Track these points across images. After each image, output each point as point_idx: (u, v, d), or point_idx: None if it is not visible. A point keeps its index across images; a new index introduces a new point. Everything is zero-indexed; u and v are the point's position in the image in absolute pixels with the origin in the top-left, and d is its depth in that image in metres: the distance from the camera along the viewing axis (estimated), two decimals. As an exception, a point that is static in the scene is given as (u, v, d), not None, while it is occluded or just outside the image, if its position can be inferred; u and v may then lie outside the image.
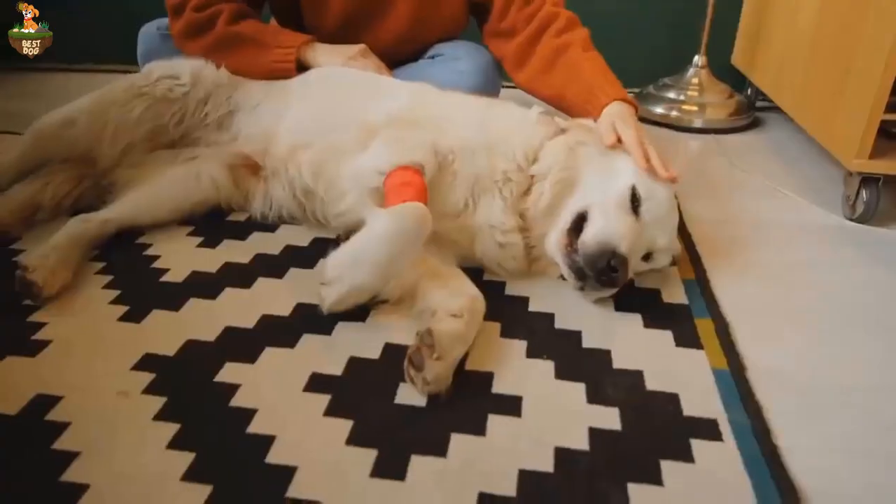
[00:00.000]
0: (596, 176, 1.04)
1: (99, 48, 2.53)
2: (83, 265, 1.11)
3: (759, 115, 2.08)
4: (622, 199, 1.00)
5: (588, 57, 1.31)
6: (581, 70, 1.29)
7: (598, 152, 1.07)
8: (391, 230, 0.89)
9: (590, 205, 1.01)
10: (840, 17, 1.47)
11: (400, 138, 1.02)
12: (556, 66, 1.34)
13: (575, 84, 1.28)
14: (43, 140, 1.25)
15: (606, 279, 0.95)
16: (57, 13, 2.43)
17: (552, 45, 1.34)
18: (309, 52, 1.37)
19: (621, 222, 0.98)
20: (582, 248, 0.97)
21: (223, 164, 1.27)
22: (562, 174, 1.03)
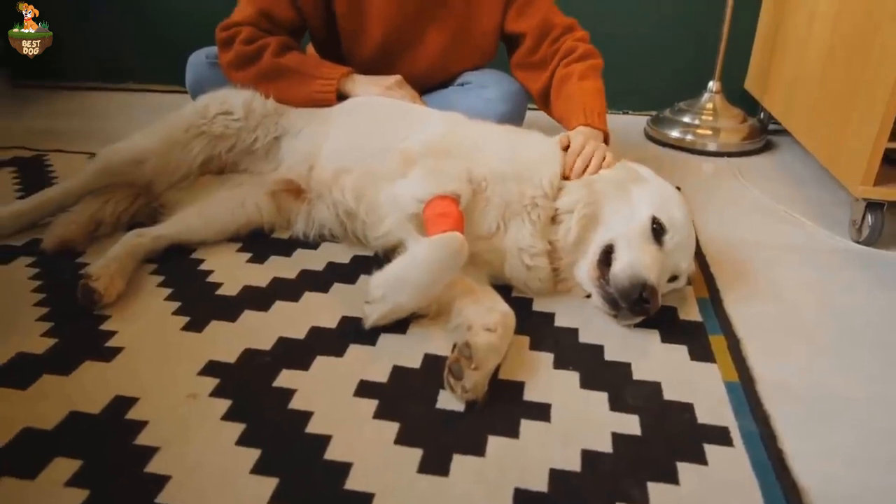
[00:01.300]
0: (616, 209, 1.13)
1: (137, 68, 2.66)
2: (138, 276, 1.22)
3: (772, 139, 2.16)
4: (645, 230, 1.09)
5: (580, 86, 1.44)
6: (571, 98, 1.43)
7: (614, 186, 1.16)
8: (432, 258, 1.00)
9: (615, 237, 1.10)
10: (848, 47, 1.55)
11: (437, 168, 1.12)
12: (559, 95, 1.48)
13: (566, 111, 1.43)
14: (109, 173, 1.36)
15: (640, 309, 1.04)
16: (97, 35, 2.59)
17: (560, 74, 1.48)
18: (348, 82, 1.48)
19: (647, 253, 1.07)
20: (613, 282, 1.06)
21: (267, 193, 1.38)
22: (585, 210, 1.12)
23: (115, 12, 2.57)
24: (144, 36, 2.60)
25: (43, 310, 1.12)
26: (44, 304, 1.14)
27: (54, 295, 1.16)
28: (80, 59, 2.67)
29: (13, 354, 1.00)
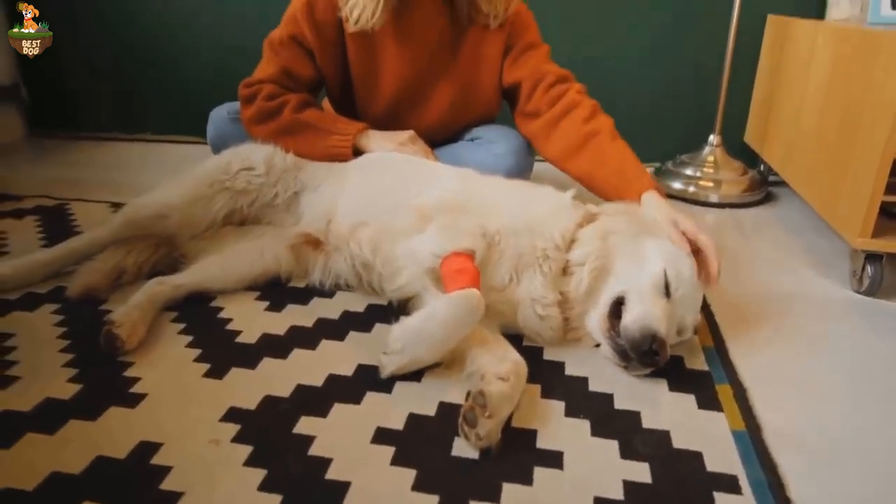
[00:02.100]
0: (628, 262, 1.17)
1: (154, 119, 2.75)
2: (160, 323, 1.26)
3: (772, 191, 2.22)
4: (657, 284, 1.13)
5: (616, 145, 1.45)
6: (610, 157, 1.43)
7: (627, 239, 1.20)
8: (450, 314, 1.04)
9: (626, 290, 1.14)
10: (842, 103, 1.61)
11: (453, 224, 1.17)
12: (585, 151, 1.46)
13: (604, 169, 1.42)
14: (135, 226, 1.41)
15: (649, 361, 1.08)
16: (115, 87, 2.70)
17: (581, 130, 1.48)
18: (363, 138, 1.55)
19: (657, 306, 1.11)
20: (624, 333, 1.09)
21: (285, 245, 1.43)
22: (597, 262, 1.16)
23: (133, 65, 2.68)
24: (161, 88, 2.70)
25: (68, 356, 1.15)
26: (69, 351, 1.17)
27: (79, 341, 1.20)
28: (97, 109, 2.77)
29: (40, 400, 1.03)
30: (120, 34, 2.64)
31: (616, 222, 1.23)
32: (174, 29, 2.59)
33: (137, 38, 2.63)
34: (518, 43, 1.60)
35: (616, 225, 1.23)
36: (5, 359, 1.14)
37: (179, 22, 2.58)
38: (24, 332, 1.23)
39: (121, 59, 2.68)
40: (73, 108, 2.79)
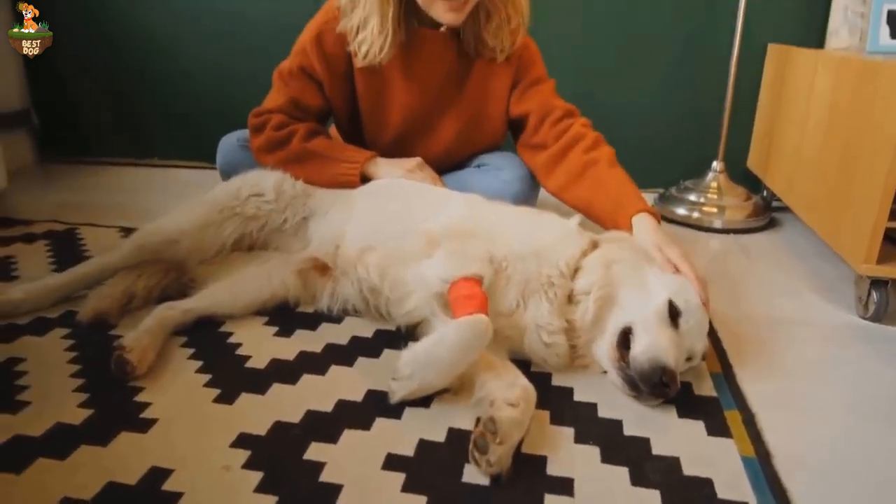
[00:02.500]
0: (633, 291, 1.18)
1: (161, 144, 2.79)
2: (170, 348, 1.26)
3: (775, 216, 2.23)
4: (662, 314, 1.14)
5: (613, 173, 1.48)
6: (607, 184, 1.46)
7: (630, 268, 1.21)
8: (459, 339, 1.05)
9: (633, 321, 1.14)
10: (844, 129, 1.63)
11: (461, 250, 1.18)
12: (583, 179, 1.50)
13: (602, 196, 1.45)
14: (145, 251, 1.42)
15: (660, 393, 1.08)
16: (123, 112, 2.74)
17: (581, 160, 1.51)
18: (371, 165, 1.57)
19: (664, 337, 1.11)
20: (633, 365, 1.10)
21: (293, 271, 1.44)
22: (601, 292, 1.17)
23: (141, 92, 2.72)
24: (168, 114, 2.74)
25: (79, 381, 1.16)
26: (79, 375, 1.18)
27: (89, 366, 1.20)
28: (106, 135, 2.81)
29: (51, 425, 1.03)
30: (129, 62, 2.69)
31: (618, 251, 1.24)
32: (183, 58, 2.64)
33: (146, 66, 2.68)
34: (525, 78, 1.64)
35: (618, 254, 1.24)
36: (16, 383, 1.14)
37: (188, 51, 2.63)
38: (35, 357, 1.23)
39: (130, 86, 2.72)
40: (82, 134, 2.82)
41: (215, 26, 2.58)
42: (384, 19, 1.46)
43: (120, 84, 2.73)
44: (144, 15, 2.61)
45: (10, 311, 1.37)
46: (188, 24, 2.59)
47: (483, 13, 1.53)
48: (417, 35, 1.55)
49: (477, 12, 1.52)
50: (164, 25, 2.61)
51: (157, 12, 2.60)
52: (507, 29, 1.54)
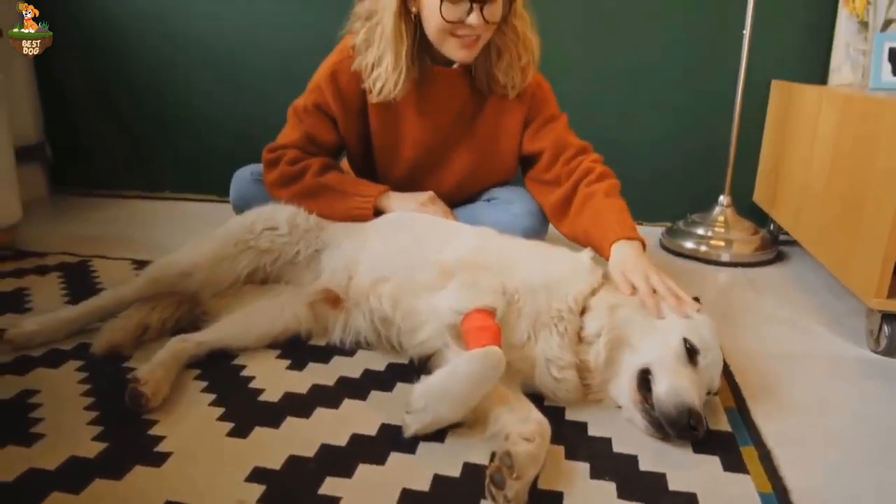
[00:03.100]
0: (644, 332, 1.18)
1: (172, 178, 2.83)
2: (183, 381, 1.27)
3: (783, 250, 2.24)
4: (679, 353, 1.14)
5: (607, 203, 1.50)
6: (601, 214, 1.48)
7: (636, 309, 1.22)
8: (473, 372, 1.05)
9: (650, 361, 1.14)
10: (850, 163, 1.65)
11: (474, 282, 1.19)
12: (583, 211, 1.53)
13: (595, 227, 1.47)
14: (160, 284, 1.43)
15: (688, 435, 1.07)
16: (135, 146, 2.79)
17: (583, 193, 1.55)
18: (384, 199, 1.59)
19: (685, 377, 1.11)
20: (659, 409, 1.09)
21: (305, 303, 1.45)
22: (610, 335, 1.17)
23: (153, 127, 2.77)
24: (180, 149, 2.79)
25: (93, 413, 1.16)
26: (93, 408, 1.18)
27: (103, 398, 1.21)
28: (118, 168, 2.86)
29: (66, 458, 1.03)
30: (142, 98, 2.75)
31: (621, 293, 1.26)
32: (194, 95, 2.70)
33: (158, 102, 2.73)
34: (539, 116, 1.67)
35: (622, 296, 1.25)
36: (30, 416, 1.15)
37: (200, 88, 2.69)
38: (49, 389, 1.24)
39: (142, 121, 2.78)
40: (93, 167, 2.87)
41: (225, 64, 2.64)
42: (398, 57, 1.49)
43: (133, 120, 2.79)
44: (156, 52, 2.67)
45: (24, 343, 1.38)
46: (199, 61, 2.66)
47: (494, 51, 1.56)
48: (430, 72, 1.59)
49: (488, 50, 1.56)
50: (175, 62, 2.67)
51: (168, 50, 2.66)
52: (518, 66, 1.57)
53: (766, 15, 2.18)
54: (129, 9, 2.64)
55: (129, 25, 2.66)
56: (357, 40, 1.55)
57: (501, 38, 1.55)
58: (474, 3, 1.42)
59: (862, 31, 2.18)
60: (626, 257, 1.33)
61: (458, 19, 1.44)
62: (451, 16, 1.43)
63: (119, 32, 2.67)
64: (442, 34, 1.48)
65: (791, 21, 2.29)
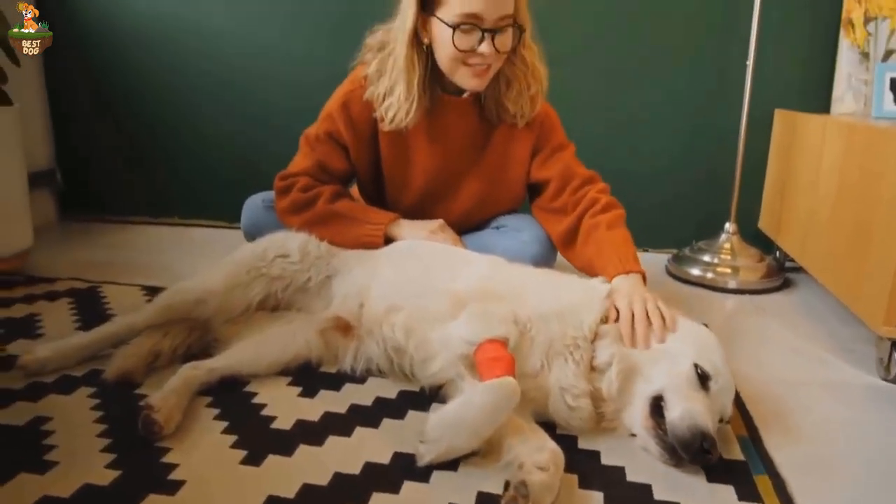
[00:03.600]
0: (655, 359, 1.19)
1: (182, 204, 2.85)
2: (195, 408, 1.27)
3: (790, 277, 2.25)
4: (690, 379, 1.14)
5: (610, 235, 1.52)
6: (603, 246, 1.50)
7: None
8: (488, 402, 1.06)
9: (662, 388, 1.14)
10: (857, 190, 1.66)
11: (486, 312, 1.20)
12: (588, 243, 1.55)
13: (598, 260, 1.49)
14: (173, 311, 1.44)
15: (701, 459, 1.07)
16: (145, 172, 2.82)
17: (587, 224, 1.57)
18: (394, 227, 1.61)
19: (698, 401, 1.11)
20: (672, 432, 1.09)
21: (316, 330, 1.45)
22: (621, 365, 1.18)
23: (162, 154, 2.81)
24: (188, 176, 2.82)
25: (105, 441, 1.16)
26: (106, 435, 1.18)
27: (116, 426, 1.21)
28: (125, 194, 2.88)
29: (79, 486, 1.03)
30: (151, 126, 2.79)
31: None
32: (203, 123, 2.74)
33: (167, 129, 2.77)
34: (547, 145, 1.69)
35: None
36: (43, 443, 1.15)
37: (208, 117, 2.73)
38: (61, 416, 1.24)
39: (151, 148, 2.81)
40: (103, 193, 2.90)
41: (234, 94, 2.69)
42: (410, 86, 1.52)
43: (142, 147, 2.82)
44: (166, 80, 2.72)
45: (36, 370, 1.38)
46: (208, 90, 2.70)
47: (503, 81, 1.59)
48: (441, 101, 1.62)
49: (497, 80, 1.59)
50: (184, 90, 2.72)
51: (178, 78, 2.70)
52: (527, 95, 1.60)
53: (769, 46, 2.23)
54: (139, 38, 2.69)
55: (139, 54, 2.71)
56: (369, 70, 1.58)
57: (511, 69, 1.58)
58: (486, 32, 1.45)
59: (863, 61, 2.22)
60: (621, 288, 1.35)
61: (470, 48, 1.47)
62: (463, 45, 1.46)
63: (129, 61, 2.72)
64: (454, 63, 1.50)
65: (793, 52, 2.33)
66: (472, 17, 1.44)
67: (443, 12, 1.46)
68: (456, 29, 1.45)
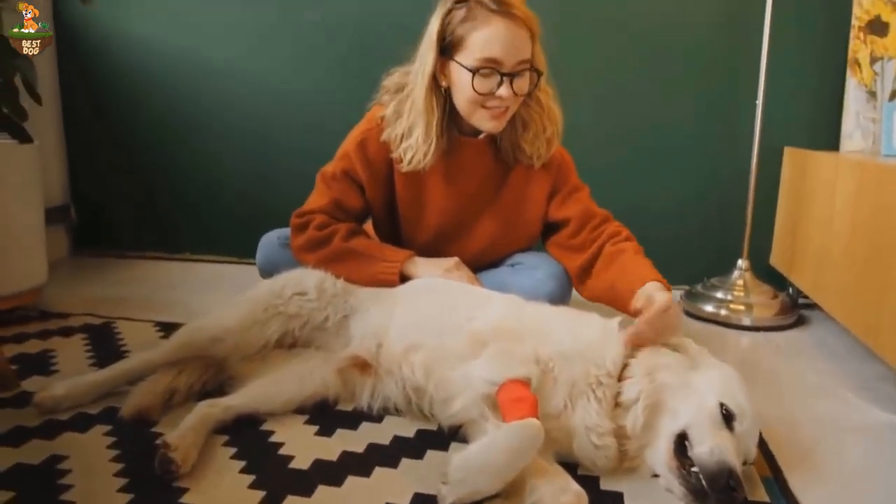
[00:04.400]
0: (681, 397, 1.17)
1: (193, 239, 2.87)
2: (212, 447, 1.26)
3: (804, 314, 2.24)
4: (715, 417, 1.13)
5: (637, 258, 1.54)
6: (628, 266, 1.52)
7: (674, 374, 1.21)
8: (512, 444, 1.05)
9: (687, 425, 1.13)
10: (871, 228, 1.66)
11: (507, 351, 1.20)
12: (611, 266, 1.56)
13: (622, 278, 1.50)
14: (190, 348, 1.44)
15: (726, 497, 1.05)
16: (156, 207, 2.85)
17: (610, 251, 1.58)
18: (410, 265, 1.61)
19: (724, 438, 1.10)
20: (700, 466, 1.08)
21: (333, 369, 1.45)
22: (649, 400, 1.17)
23: (173, 191, 2.84)
24: (199, 212, 2.85)
25: (122, 480, 1.15)
26: (123, 475, 1.16)
27: (132, 464, 1.19)
28: (139, 229, 2.91)
29: (97, 528, 1.03)
30: (163, 163, 2.83)
31: (660, 357, 1.25)
32: (214, 162, 2.78)
33: (179, 166, 2.81)
34: (564, 187, 1.71)
35: (660, 360, 1.24)
36: (59, 482, 1.14)
37: (220, 155, 2.77)
38: (77, 455, 1.23)
39: (162, 184, 2.85)
40: (116, 228, 2.92)
41: (246, 133, 2.73)
42: (429, 128, 1.54)
43: (151, 181, 2.86)
44: (179, 118, 2.76)
45: (52, 407, 1.37)
46: (220, 129, 2.74)
47: (520, 123, 1.61)
48: (458, 142, 1.64)
49: (514, 122, 1.61)
50: (197, 129, 2.76)
51: (191, 117, 2.75)
52: (543, 137, 1.62)
53: (778, 85, 2.25)
54: (154, 78, 2.74)
55: (153, 93, 2.75)
56: (387, 112, 1.61)
57: (527, 111, 1.60)
58: (504, 76, 1.48)
59: (870, 100, 2.25)
60: (654, 289, 1.37)
61: (489, 91, 1.49)
62: (482, 88, 1.49)
63: (143, 99, 2.77)
64: (472, 106, 1.53)
65: (802, 90, 2.36)
66: (492, 62, 1.47)
67: (462, 57, 1.49)
68: (475, 73, 1.48)
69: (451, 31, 1.51)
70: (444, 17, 1.52)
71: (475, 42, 1.48)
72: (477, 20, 1.48)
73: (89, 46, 2.75)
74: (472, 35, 1.48)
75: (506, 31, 1.47)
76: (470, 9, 1.49)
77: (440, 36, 1.52)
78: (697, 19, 2.40)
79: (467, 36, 1.49)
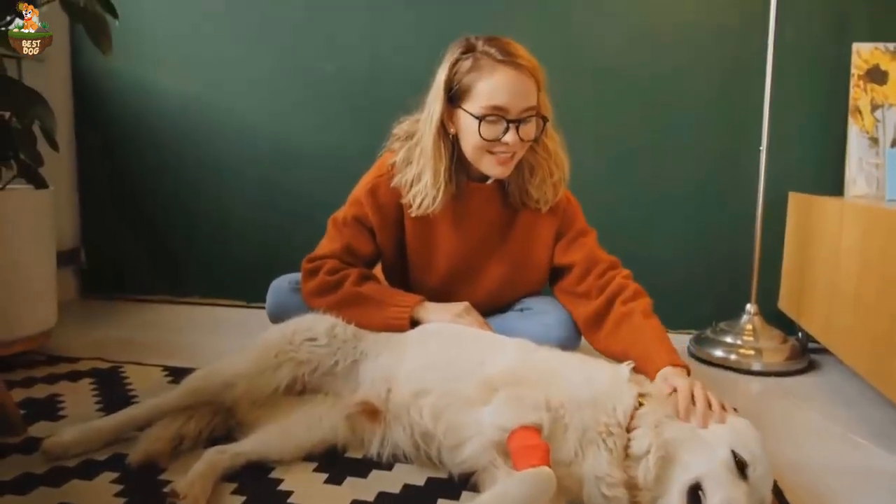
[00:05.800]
0: (692, 448, 1.15)
1: (201, 283, 2.89)
2: (220, 496, 1.24)
3: (814, 358, 2.23)
4: (729, 466, 1.11)
5: (648, 324, 1.52)
6: (640, 335, 1.49)
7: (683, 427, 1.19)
8: (525, 493, 1.04)
9: (700, 476, 1.11)
10: (879, 274, 1.66)
11: (519, 397, 1.19)
12: (621, 329, 1.54)
13: (636, 347, 1.48)
14: (200, 394, 1.44)
15: None
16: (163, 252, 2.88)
17: (619, 311, 1.56)
18: (420, 310, 1.62)
19: (739, 489, 1.08)
20: None
21: (343, 415, 1.44)
22: (659, 453, 1.15)
23: (181, 236, 2.88)
24: (207, 257, 2.87)
25: (130, 531, 1.14)
26: (130, 525, 1.16)
27: (140, 514, 1.19)
28: (147, 273, 2.93)
29: (104, 580, 1.01)
30: (171, 208, 2.87)
31: (667, 408, 1.23)
32: (222, 207, 2.82)
33: (187, 211, 2.85)
34: (570, 231, 1.73)
35: (667, 411, 1.23)
36: (66, 533, 1.13)
37: (228, 201, 2.81)
38: (85, 503, 1.22)
39: (173, 229, 2.88)
40: (124, 272, 2.95)
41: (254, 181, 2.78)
42: (437, 174, 1.57)
43: (160, 226, 2.90)
44: (189, 166, 2.82)
45: (60, 454, 1.36)
46: (228, 176, 2.80)
47: (527, 168, 1.64)
48: (466, 187, 1.66)
49: (521, 167, 1.64)
50: (205, 175, 2.81)
51: (201, 164, 2.80)
52: (550, 182, 1.65)
53: (782, 131, 2.29)
54: (164, 123, 2.80)
55: (163, 138, 2.81)
56: (397, 158, 1.64)
57: (534, 156, 1.63)
58: (511, 123, 1.51)
59: (872, 146, 2.28)
60: (672, 375, 1.33)
61: (495, 138, 1.52)
62: (489, 135, 1.52)
63: (154, 144, 2.82)
64: (479, 152, 1.56)
65: (805, 136, 2.40)
66: (498, 110, 1.51)
67: (469, 105, 1.53)
68: (482, 120, 1.51)
69: (458, 81, 1.55)
70: (451, 67, 1.56)
71: (481, 90, 1.52)
72: (483, 70, 1.52)
73: (105, 94, 2.82)
74: (479, 84, 1.52)
75: (511, 80, 1.51)
76: (476, 59, 1.53)
77: (447, 85, 1.56)
78: (701, 68, 2.45)
79: (474, 85, 1.53)
